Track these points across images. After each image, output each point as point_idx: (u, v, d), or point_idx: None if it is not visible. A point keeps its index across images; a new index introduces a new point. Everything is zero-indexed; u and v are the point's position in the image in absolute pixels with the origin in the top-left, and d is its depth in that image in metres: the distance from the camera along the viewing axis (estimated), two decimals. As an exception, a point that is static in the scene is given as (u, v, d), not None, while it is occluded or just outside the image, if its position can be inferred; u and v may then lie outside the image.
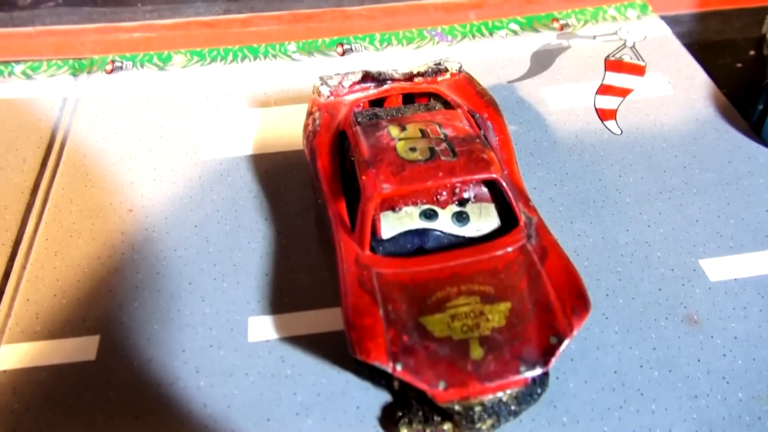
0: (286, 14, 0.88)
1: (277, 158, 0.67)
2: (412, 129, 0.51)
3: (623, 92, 0.73)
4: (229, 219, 0.61)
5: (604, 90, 0.73)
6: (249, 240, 0.59)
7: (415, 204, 0.49)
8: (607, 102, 0.72)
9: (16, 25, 0.88)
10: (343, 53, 0.81)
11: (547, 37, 0.82)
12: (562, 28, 0.83)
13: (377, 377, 0.47)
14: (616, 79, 0.75)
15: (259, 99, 0.74)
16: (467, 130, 0.51)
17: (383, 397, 0.48)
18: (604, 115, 0.70)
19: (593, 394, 0.48)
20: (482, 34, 0.83)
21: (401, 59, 0.80)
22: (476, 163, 0.48)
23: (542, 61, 0.79)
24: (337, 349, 0.51)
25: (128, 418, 0.47)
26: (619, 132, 0.68)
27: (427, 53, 0.81)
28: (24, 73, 0.78)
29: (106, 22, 0.87)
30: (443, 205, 0.49)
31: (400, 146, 0.49)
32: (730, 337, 0.50)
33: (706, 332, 0.51)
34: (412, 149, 0.49)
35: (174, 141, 0.69)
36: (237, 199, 0.62)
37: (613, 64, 0.77)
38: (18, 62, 0.79)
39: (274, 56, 0.81)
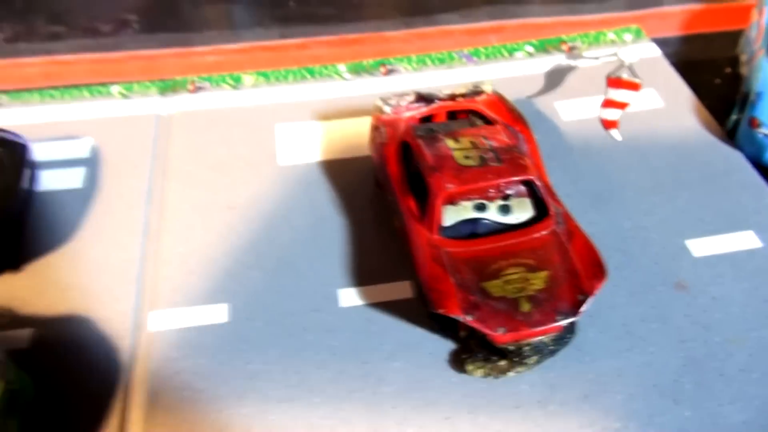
0: (334, 38, 1.03)
1: (344, 163, 0.82)
2: (464, 141, 0.67)
3: (622, 105, 0.88)
4: (311, 213, 0.76)
5: (607, 104, 0.88)
6: (330, 229, 0.74)
7: (469, 199, 0.64)
8: (610, 114, 0.87)
9: (101, 51, 1.02)
10: (387, 73, 0.96)
11: (558, 59, 0.97)
12: (570, 50, 0.99)
13: (446, 329, 0.62)
14: (616, 94, 0.90)
15: (320, 113, 0.89)
16: (507, 141, 0.66)
17: (449, 345, 0.63)
18: (608, 124, 0.86)
19: (607, 340, 0.63)
20: (503, 56, 0.99)
21: (436, 78, 0.95)
22: (517, 167, 0.63)
23: (554, 78, 0.94)
24: (409, 312, 0.66)
25: (258, 362, 0.62)
26: (620, 139, 0.83)
27: (457, 73, 0.96)
28: (120, 93, 0.92)
29: (180, 46, 1.02)
30: (491, 200, 0.65)
31: (457, 155, 0.65)
32: (710, 298, 0.66)
33: (692, 294, 0.66)
34: (467, 157, 0.64)
35: (255, 150, 0.84)
36: (315, 197, 0.78)
37: (614, 82, 0.91)
38: (113, 84, 0.94)
39: (329, 76, 0.96)
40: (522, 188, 0.65)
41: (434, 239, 0.62)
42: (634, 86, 0.91)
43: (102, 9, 1.10)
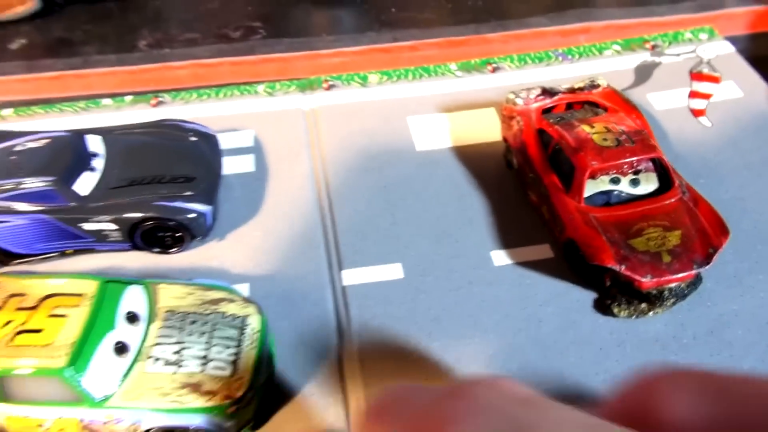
0: (442, 41, 1.16)
1: (472, 148, 0.95)
2: (598, 126, 0.80)
3: (707, 96, 1.02)
4: (453, 190, 0.89)
5: (693, 95, 1.02)
6: (472, 203, 0.87)
7: (606, 174, 0.78)
8: (697, 104, 1.00)
9: (234, 55, 1.16)
10: (493, 71, 1.10)
11: (643, 56, 1.11)
12: (652, 48, 1.12)
13: (590, 281, 0.75)
14: (700, 86, 1.03)
15: (441, 106, 1.03)
16: (634, 126, 0.80)
17: (592, 294, 0.77)
18: (696, 113, 0.99)
19: (722, 289, 0.77)
20: (593, 54, 1.12)
21: (536, 75, 1.08)
22: (647, 147, 0.77)
23: (642, 73, 1.07)
24: (553, 269, 0.79)
25: (437, 308, 0.76)
26: (710, 125, 0.97)
27: (554, 70, 1.09)
28: (265, 91, 1.06)
29: (304, 50, 1.16)
30: (624, 174, 0.78)
31: (596, 137, 0.78)
32: (805, 254, 0.80)
33: (789, 251, 0.80)
34: (605, 139, 0.78)
35: (394, 138, 0.97)
36: (454, 177, 0.91)
37: (696, 75, 1.05)
38: (258, 83, 1.07)
39: (442, 74, 1.09)
40: (649, 164, 0.79)
41: (581, 207, 0.76)
42: (714, 79, 1.05)
43: (227, 17, 1.24)
